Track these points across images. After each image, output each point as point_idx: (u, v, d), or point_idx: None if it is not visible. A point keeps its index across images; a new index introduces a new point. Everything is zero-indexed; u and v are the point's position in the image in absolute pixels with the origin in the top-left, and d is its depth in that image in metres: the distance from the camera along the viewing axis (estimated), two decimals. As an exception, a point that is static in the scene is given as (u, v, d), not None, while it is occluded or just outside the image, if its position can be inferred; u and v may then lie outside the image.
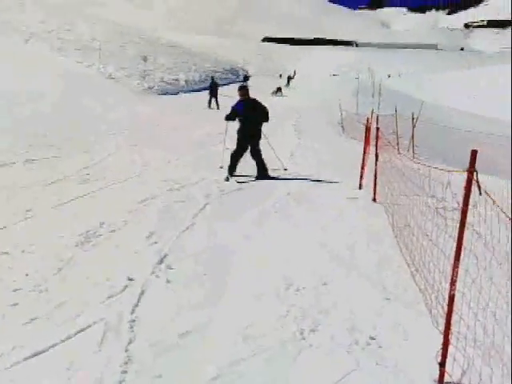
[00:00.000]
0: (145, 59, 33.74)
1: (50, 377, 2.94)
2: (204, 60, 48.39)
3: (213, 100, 24.57)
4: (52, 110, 16.23)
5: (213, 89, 24.63)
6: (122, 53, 36.39)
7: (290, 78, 50.87)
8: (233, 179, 8.57)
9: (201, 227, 5.85)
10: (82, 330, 3.45)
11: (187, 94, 31.05)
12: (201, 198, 7.21)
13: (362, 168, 8.43)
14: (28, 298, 3.83)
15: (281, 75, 60.81)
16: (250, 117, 8.62)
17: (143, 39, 46.06)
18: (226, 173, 8.78)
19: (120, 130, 14.17)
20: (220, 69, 48.33)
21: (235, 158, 8.82)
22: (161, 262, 4.69)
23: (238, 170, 8.85)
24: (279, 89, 38.46)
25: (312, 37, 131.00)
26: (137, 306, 3.84)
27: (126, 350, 3.24)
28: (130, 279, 4.26)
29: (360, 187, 8.28)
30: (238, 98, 8.91)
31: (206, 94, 25.65)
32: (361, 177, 8.37)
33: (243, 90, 8.90)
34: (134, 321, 3.62)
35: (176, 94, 30.84)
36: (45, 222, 5.77)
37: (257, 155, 8.83)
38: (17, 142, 10.90)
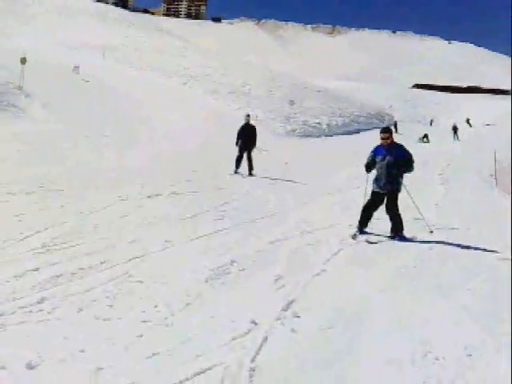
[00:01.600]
0: (291, 103, 34.66)
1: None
2: (349, 105, 48.45)
3: None
4: (199, 147, 17.20)
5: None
6: (269, 97, 37.89)
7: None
8: (362, 237, 7.43)
9: (332, 273, 5.55)
10: (202, 372, 3.33)
11: (328, 138, 31.16)
12: (334, 242, 6.94)
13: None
14: (153, 331, 3.84)
15: (431, 122, 58.75)
16: (390, 165, 7.46)
17: (292, 84, 47.59)
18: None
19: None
20: (364, 113, 47.97)
21: (367, 211, 7.68)
22: (287, 308, 4.48)
23: (370, 226, 7.76)
24: (426, 135, 37.02)
25: (465, 85, 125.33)
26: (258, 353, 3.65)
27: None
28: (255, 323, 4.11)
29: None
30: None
31: (346, 138, 25.48)
32: (517, 236, 7.46)
33: (386, 132, 7.70)
34: (253, 369, 3.43)
35: (318, 137, 31.14)
36: (180, 254, 5.90)
37: (392, 210, 7.57)
38: (166, 175, 11.65)
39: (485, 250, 7.22)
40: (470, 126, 48.57)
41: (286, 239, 6.97)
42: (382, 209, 7.69)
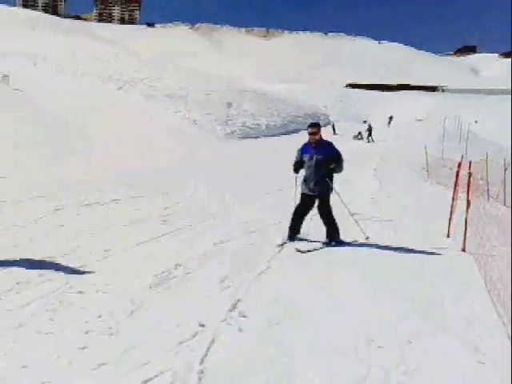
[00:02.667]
0: (229, 105, 34.79)
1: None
2: (286, 106, 49.16)
3: None
4: (139, 154, 16.96)
5: None
6: (207, 100, 37.83)
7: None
8: (291, 245, 6.82)
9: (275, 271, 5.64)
10: (149, 380, 3.29)
11: (268, 138, 31.50)
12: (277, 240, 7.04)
13: (451, 214, 7.90)
14: (98, 341, 3.76)
15: (365, 121, 60.51)
16: (319, 164, 6.81)
17: (229, 87, 47.73)
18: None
19: (200, 172, 14.45)
20: (301, 114, 48.83)
21: (297, 216, 7.09)
22: (233, 308, 4.51)
23: (302, 232, 7.23)
24: (360, 133, 38.13)
25: (396, 83, 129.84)
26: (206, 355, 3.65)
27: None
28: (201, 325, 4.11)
29: (448, 235, 7.75)
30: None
31: (285, 138, 25.89)
32: (449, 224, 7.85)
33: (314, 127, 6.99)
34: (202, 372, 3.43)
35: (256, 138, 31.42)
36: (122, 262, 5.80)
37: (325, 214, 6.96)
38: (104, 181, 11.40)
39: (420, 238, 7.56)
40: (389, 124, 50.60)
41: (228, 240, 7.00)
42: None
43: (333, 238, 6.97)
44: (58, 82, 36.71)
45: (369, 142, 35.50)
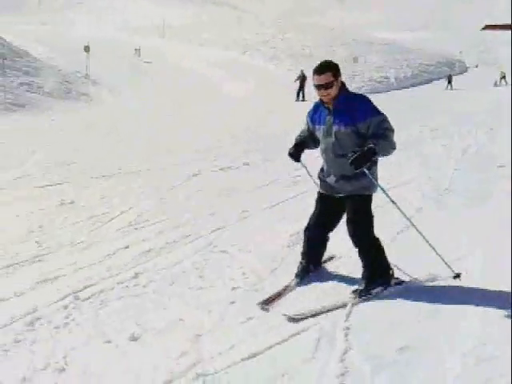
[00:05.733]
0: (355, 60, 33.66)
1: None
2: (416, 55, 46.37)
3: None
4: (267, 117, 17.14)
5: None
6: (331, 56, 36.98)
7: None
8: (284, 300, 3.87)
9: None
10: (296, 334, 3.37)
11: (398, 92, 30.08)
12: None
13: None
14: (245, 296, 3.91)
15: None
16: (341, 140, 3.79)
17: (354, 41, 46.13)
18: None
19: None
20: (433, 62, 45.75)
21: (314, 234, 4.18)
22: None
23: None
24: (503, 77, 34.62)
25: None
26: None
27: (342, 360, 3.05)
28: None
29: None
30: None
31: (417, 90, 24.50)
32: None
33: (322, 71, 3.76)
34: (348, 328, 3.43)
35: (386, 92, 30.16)
36: (258, 222, 5.96)
37: (358, 231, 3.89)
38: (235, 146, 11.76)
39: None
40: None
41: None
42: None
43: (372, 279, 3.88)
44: (185, 52, 38.28)
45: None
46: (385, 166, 4.91)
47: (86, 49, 26.03)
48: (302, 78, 25.99)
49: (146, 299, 3.92)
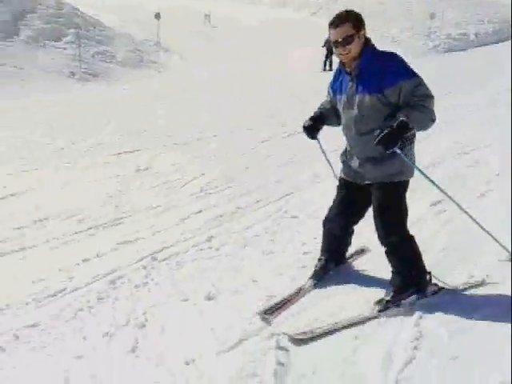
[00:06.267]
0: (432, 16, 31.92)
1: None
2: (499, 8, 43.25)
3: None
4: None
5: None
6: (406, 13, 35.31)
7: None
8: (290, 317, 3.24)
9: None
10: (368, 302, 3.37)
11: (478, 49, 28.35)
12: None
13: None
14: (316, 261, 3.95)
15: None
16: (365, 111, 3.08)
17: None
18: None
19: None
20: (518, 16, 42.51)
21: (334, 226, 3.57)
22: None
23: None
24: None
25: None
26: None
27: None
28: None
29: None
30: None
31: (499, 47, 22.96)
32: None
33: (339, 23, 3.07)
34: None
35: (464, 50, 28.54)
36: (328, 188, 5.91)
37: (386, 228, 3.19)
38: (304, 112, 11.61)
39: None
40: None
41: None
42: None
43: (403, 287, 3.21)
44: (254, 15, 37.89)
45: None
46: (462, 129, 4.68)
47: (157, 16, 26.21)
48: (330, 43, 23.92)
49: (220, 261, 4.07)
